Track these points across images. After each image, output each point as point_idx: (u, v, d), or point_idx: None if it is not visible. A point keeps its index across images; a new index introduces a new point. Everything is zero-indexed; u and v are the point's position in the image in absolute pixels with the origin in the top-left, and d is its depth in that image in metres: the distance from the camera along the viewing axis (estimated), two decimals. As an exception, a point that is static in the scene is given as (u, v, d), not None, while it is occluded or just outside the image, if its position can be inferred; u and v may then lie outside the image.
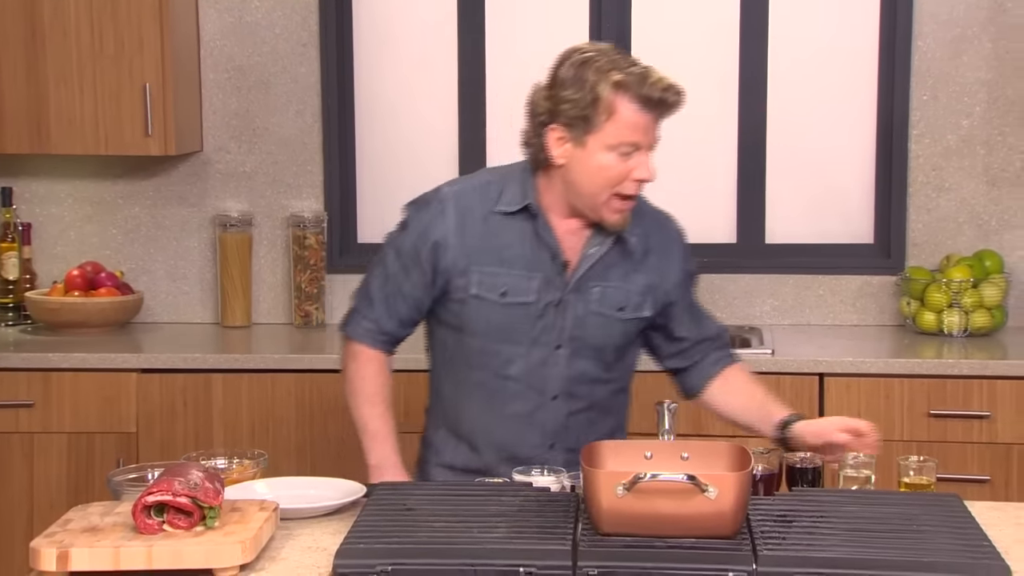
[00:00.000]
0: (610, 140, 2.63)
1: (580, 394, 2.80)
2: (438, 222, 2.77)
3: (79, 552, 2.15)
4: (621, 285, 2.78)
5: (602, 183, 2.66)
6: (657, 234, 2.84)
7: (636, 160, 2.65)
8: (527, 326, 2.75)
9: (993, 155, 4.33)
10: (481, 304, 2.75)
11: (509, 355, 2.77)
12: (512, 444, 2.78)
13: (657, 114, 2.65)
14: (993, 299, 4.21)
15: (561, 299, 2.75)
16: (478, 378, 2.80)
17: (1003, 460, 3.81)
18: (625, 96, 2.62)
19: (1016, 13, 4.28)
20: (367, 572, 2.12)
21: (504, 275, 2.75)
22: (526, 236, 2.75)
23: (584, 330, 2.76)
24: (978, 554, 2.15)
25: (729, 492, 2.16)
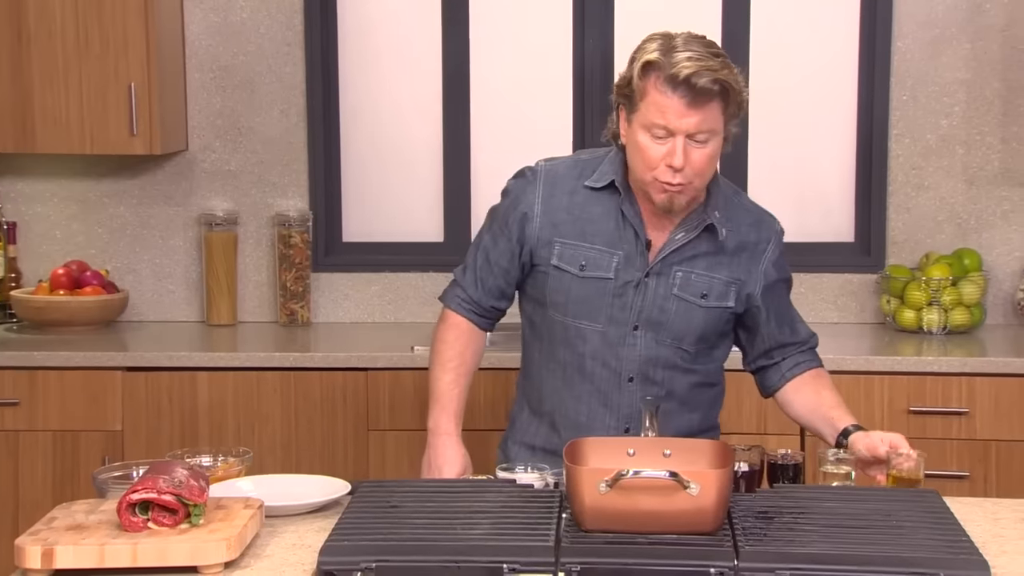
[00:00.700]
0: (644, 120, 2.63)
1: (657, 379, 2.79)
2: (528, 192, 2.81)
3: (64, 550, 2.15)
4: (706, 273, 2.77)
5: (641, 164, 2.67)
6: (752, 233, 2.83)
7: (670, 145, 2.62)
8: (604, 303, 2.76)
9: (972, 154, 4.36)
10: (561, 276, 2.78)
11: (586, 331, 2.78)
12: (588, 425, 2.78)
13: (690, 99, 2.59)
14: (972, 297, 4.23)
15: (641, 279, 2.75)
16: (558, 354, 2.82)
17: (981, 456, 3.83)
18: (652, 76, 2.62)
19: (994, 14, 4.30)
20: (351, 569, 2.12)
21: (586, 249, 2.76)
22: (611, 213, 2.77)
23: (663, 314, 2.76)
24: (956, 549, 2.16)
25: (711, 489, 2.17)
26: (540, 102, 4.53)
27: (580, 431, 2.76)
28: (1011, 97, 4.32)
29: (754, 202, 2.92)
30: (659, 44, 2.65)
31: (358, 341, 4.22)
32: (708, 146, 2.64)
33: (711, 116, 2.62)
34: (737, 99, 2.66)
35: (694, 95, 2.58)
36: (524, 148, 4.51)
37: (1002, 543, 2.33)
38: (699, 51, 2.62)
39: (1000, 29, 4.30)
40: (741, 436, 3.69)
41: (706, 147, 2.64)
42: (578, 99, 4.50)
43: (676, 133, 2.61)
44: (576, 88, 4.49)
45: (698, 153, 2.63)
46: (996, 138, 4.34)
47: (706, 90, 2.58)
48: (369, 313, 4.55)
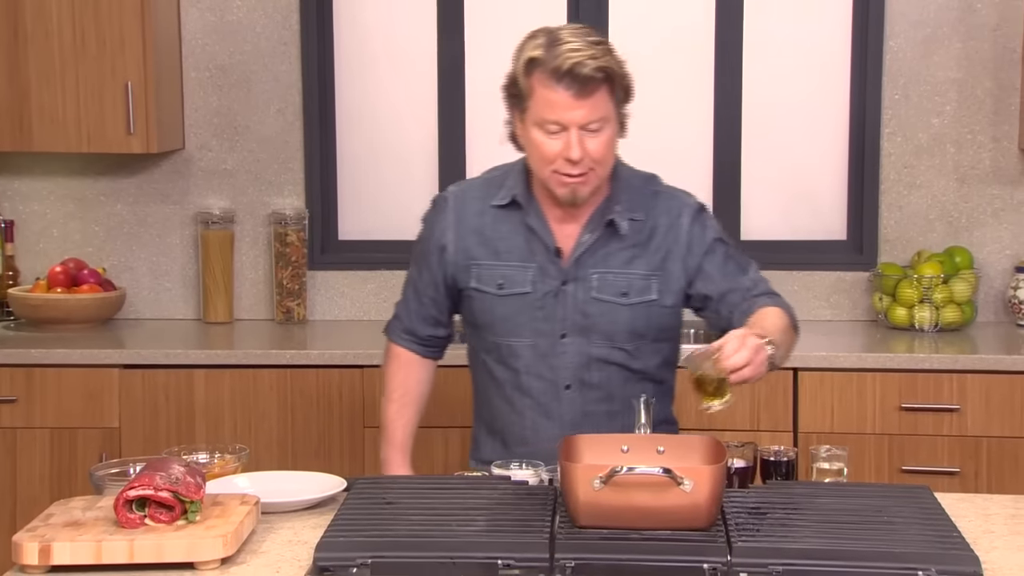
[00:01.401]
0: (536, 118, 2.64)
1: (595, 383, 2.79)
2: (440, 221, 2.84)
3: (61, 546, 2.15)
4: (622, 271, 2.76)
5: (539, 161, 2.67)
6: (664, 216, 2.79)
7: (565, 139, 2.62)
8: (528, 317, 2.77)
9: (963, 153, 4.37)
10: (483, 297, 2.79)
11: (516, 347, 2.79)
12: (533, 439, 2.79)
13: (577, 90, 2.58)
14: (963, 295, 4.24)
15: (559, 288, 2.76)
16: (496, 373, 2.83)
17: (972, 452, 3.85)
18: (538, 73, 2.61)
19: (985, 13, 4.31)
20: (347, 565, 2.13)
21: (502, 267, 2.78)
22: (519, 228, 2.78)
23: (588, 317, 2.76)
24: (947, 544, 2.17)
25: (704, 485, 2.18)
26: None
27: (527, 445, 2.79)
28: (1002, 96, 4.33)
29: (669, 185, 2.87)
30: (540, 40, 2.64)
31: (354, 338, 4.23)
32: (602, 133, 2.64)
33: (600, 104, 2.62)
34: (623, 83, 2.66)
35: (580, 85, 2.58)
36: (519, 147, 4.55)
37: (992, 538, 2.34)
38: (579, 41, 2.61)
39: (991, 29, 4.32)
40: (734, 433, 3.70)
41: (600, 135, 2.64)
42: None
43: (569, 126, 2.61)
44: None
45: (594, 142, 2.63)
46: (987, 137, 4.36)
47: (591, 79, 2.58)
48: (365, 311, 4.56)
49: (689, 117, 4.51)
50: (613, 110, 2.66)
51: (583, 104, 2.60)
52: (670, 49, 4.48)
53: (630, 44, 4.51)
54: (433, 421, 3.94)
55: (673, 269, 2.78)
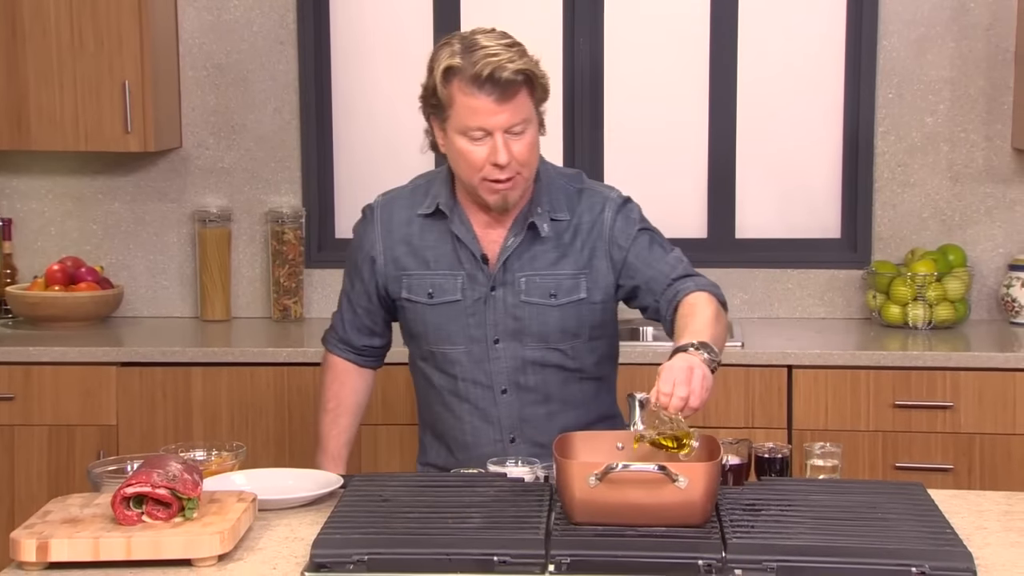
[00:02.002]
0: (459, 126, 2.63)
1: (531, 385, 2.79)
2: (368, 233, 2.84)
3: (59, 543, 2.16)
4: (550, 272, 2.75)
5: (466, 169, 2.66)
6: (588, 211, 2.78)
7: (491, 144, 2.61)
8: (460, 324, 2.77)
9: (956, 152, 4.38)
10: (414, 307, 2.80)
11: (451, 354, 2.79)
12: (474, 443, 2.81)
13: (498, 95, 2.58)
14: (956, 292, 4.26)
15: (488, 294, 2.76)
16: (435, 379, 2.84)
17: (965, 449, 3.86)
18: (457, 81, 2.60)
19: (978, 13, 4.32)
20: (344, 562, 2.13)
21: (431, 276, 2.78)
22: (446, 235, 2.78)
23: (519, 321, 2.76)
24: (941, 540, 2.17)
25: (699, 482, 2.19)
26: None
27: (469, 450, 2.80)
28: (995, 95, 4.34)
29: (594, 182, 2.85)
30: (455, 47, 2.63)
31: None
32: (526, 136, 2.64)
33: (522, 106, 2.62)
34: (542, 84, 2.66)
35: (501, 90, 2.57)
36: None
37: (985, 535, 2.35)
38: (494, 46, 2.60)
39: (984, 28, 4.33)
40: (729, 430, 3.72)
41: (524, 137, 2.64)
42: (567, 100, 4.51)
43: (493, 131, 2.60)
44: (566, 89, 4.50)
45: (518, 144, 2.63)
46: (980, 136, 4.37)
47: (511, 82, 2.57)
48: (361, 308, 4.57)
49: (684, 116, 4.51)
50: (534, 111, 2.66)
51: (505, 108, 2.59)
52: (665, 48, 4.49)
53: (625, 44, 4.57)
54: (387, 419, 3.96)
55: (600, 266, 2.77)
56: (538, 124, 2.69)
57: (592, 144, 4.52)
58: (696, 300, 2.65)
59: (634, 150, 4.55)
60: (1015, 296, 4.29)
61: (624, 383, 2.91)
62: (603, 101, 4.52)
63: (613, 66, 4.52)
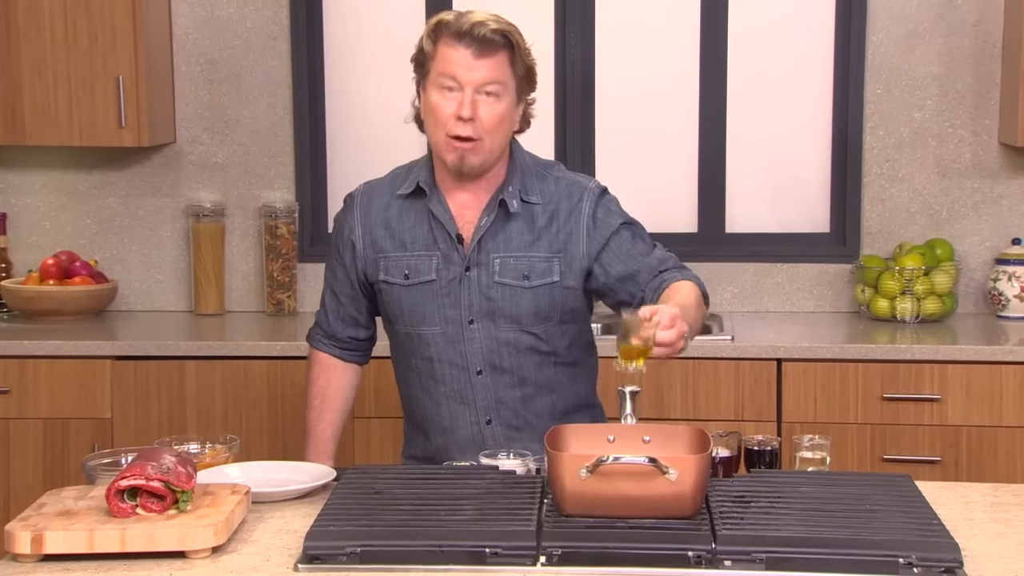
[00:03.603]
0: (435, 79, 2.69)
1: (506, 367, 2.80)
2: (349, 218, 2.87)
3: (53, 535, 2.16)
4: (524, 254, 2.77)
5: (434, 125, 2.71)
6: (565, 201, 2.80)
7: (461, 98, 2.66)
8: (435, 304, 2.79)
9: (944, 147, 4.40)
10: (391, 289, 2.82)
11: (427, 335, 2.81)
12: (451, 426, 2.82)
13: (476, 49, 2.65)
14: (944, 286, 4.27)
15: (462, 274, 2.77)
16: (412, 363, 2.85)
17: (953, 442, 3.88)
18: (439, 36, 2.68)
19: (966, 9, 4.34)
20: (337, 554, 2.14)
21: (407, 258, 2.80)
22: (423, 216, 2.80)
23: (492, 302, 2.77)
24: (928, 532, 2.18)
25: (689, 474, 2.19)
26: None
27: (446, 434, 2.82)
28: (982, 91, 4.36)
29: (570, 172, 2.88)
30: (441, 15, 2.73)
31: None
32: (499, 103, 2.68)
33: (499, 68, 2.67)
34: (525, 59, 2.72)
35: (479, 45, 2.65)
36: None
37: (972, 526, 2.36)
38: (488, 15, 2.70)
39: (972, 24, 4.34)
40: (719, 423, 3.75)
41: (496, 104, 2.67)
42: (559, 97, 4.52)
43: (465, 85, 2.66)
44: (557, 86, 4.51)
45: (487, 109, 2.67)
46: (968, 131, 4.38)
47: (490, 41, 2.65)
48: (354, 303, 4.58)
49: (675, 111, 4.53)
50: (512, 82, 2.70)
51: (480, 64, 2.66)
52: (655, 43, 4.50)
53: (616, 40, 4.58)
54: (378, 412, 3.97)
55: (575, 251, 2.79)
56: (515, 102, 2.73)
57: (583, 139, 4.54)
58: (682, 286, 2.69)
59: (625, 145, 4.57)
60: (1002, 290, 4.31)
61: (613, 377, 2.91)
62: (594, 96, 4.53)
63: (604, 62, 4.53)
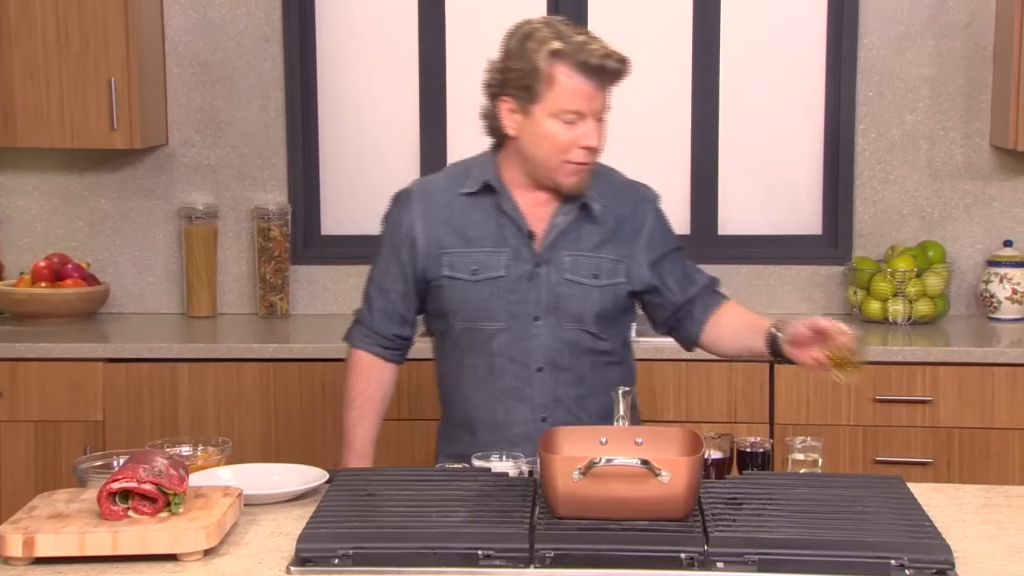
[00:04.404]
0: (552, 108, 2.68)
1: (565, 366, 2.82)
2: (407, 214, 2.85)
3: (45, 538, 2.16)
4: (593, 254, 2.81)
5: (549, 151, 2.71)
6: (628, 206, 2.86)
7: (583, 128, 2.69)
8: (502, 300, 2.79)
9: (936, 149, 4.41)
10: (455, 284, 2.81)
11: (490, 331, 2.80)
12: (505, 422, 2.81)
13: (598, 81, 2.68)
14: (936, 288, 4.28)
15: (532, 271, 2.79)
16: (468, 360, 2.84)
17: (944, 443, 3.89)
18: (563, 64, 2.66)
19: (957, 12, 4.35)
20: (329, 556, 2.14)
21: (474, 253, 2.80)
22: (490, 213, 2.81)
23: (560, 299, 2.79)
24: (920, 533, 2.19)
25: (681, 476, 2.19)
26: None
27: (498, 431, 2.81)
28: (973, 93, 4.37)
29: (628, 177, 2.94)
30: (549, 32, 2.71)
31: (336, 332, 4.14)
32: (605, 123, 2.75)
33: (609, 94, 2.74)
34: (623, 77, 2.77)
35: (602, 77, 2.68)
36: (499, 142, 4.56)
37: (964, 528, 2.37)
38: (587, 34, 2.73)
39: (963, 27, 4.35)
40: (711, 425, 3.75)
41: (604, 124, 2.75)
42: (552, 95, 4.54)
43: (587, 116, 2.69)
44: (550, 84, 4.54)
45: (602, 132, 2.74)
46: (959, 133, 4.39)
47: (615, 71, 2.70)
48: (347, 305, 4.54)
49: (667, 113, 4.53)
50: None
51: (600, 95, 2.71)
52: (648, 45, 4.49)
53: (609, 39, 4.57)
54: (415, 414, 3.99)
55: (639, 257, 2.85)
56: None
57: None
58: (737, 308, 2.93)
59: (617, 146, 4.54)
60: (993, 292, 4.32)
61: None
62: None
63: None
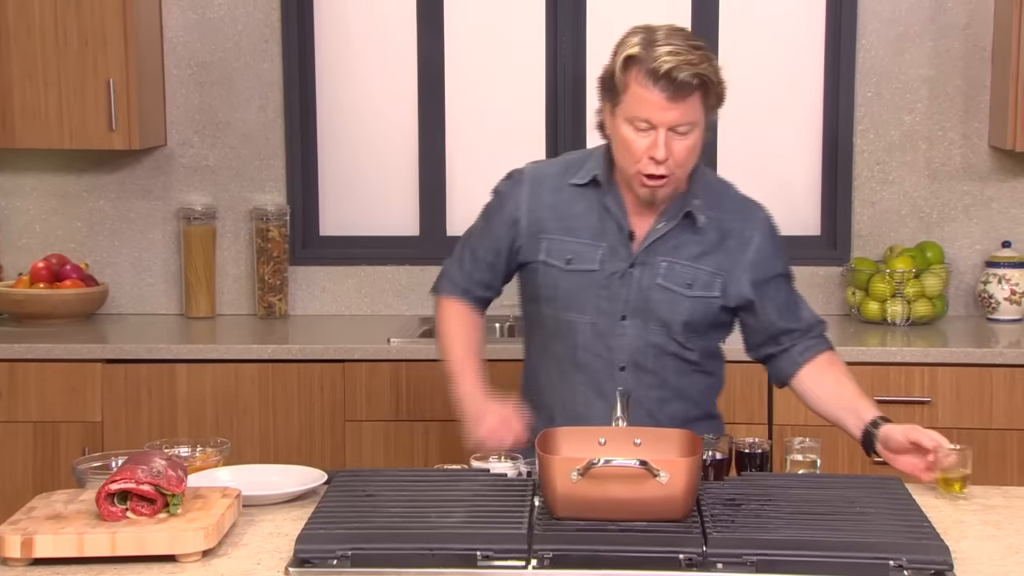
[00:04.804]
0: (626, 114, 2.67)
1: (648, 367, 2.81)
2: (515, 193, 2.86)
3: (43, 539, 2.16)
4: (690, 264, 2.78)
5: (626, 157, 2.70)
6: (737, 222, 2.83)
7: (653, 138, 2.65)
8: (592, 294, 2.79)
9: (934, 150, 4.41)
10: (548, 271, 2.81)
11: (577, 323, 2.80)
12: (584, 415, 2.79)
13: (670, 92, 2.62)
14: (934, 289, 4.29)
15: (626, 270, 2.78)
16: (552, 347, 2.84)
17: (943, 444, 3.91)
18: (635, 70, 2.65)
19: (956, 12, 4.35)
20: (327, 557, 2.15)
21: (572, 243, 2.80)
22: (594, 207, 2.81)
23: (649, 303, 2.78)
24: (918, 534, 2.20)
25: (680, 477, 2.20)
26: (514, 98, 4.56)
27: (577, 421, 2.77)
28: (972, 94, 4.37)
29: (742, 193, 2.91)
30: (641, 38, 2.68)
31: (335, 333, 4.26)
32: (689, 138, 2.67)
33: (691, 109, 2.65)
34: (717, 91, 2.70)
35: (674, 89, 2.61)
36: (498, 144, 4.58)
37: (963, 528, 2.38)
38: (679, 44, 2.65)
39: (962, 27, 4.36)
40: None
41: (687, 139, 2.67)
42: (551, 96, 4.54)
43: (658, 126, 2.65)
44: (549, 85, 4.53)
45: (679, 145, 2.66)
46: (958, 134, 4.40)
47: (686, 84, 2.61)
48: (346, 306, 4.59)
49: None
50: (702, 116, 2.69)
51: (675, 108, 2.63)
52: (647, 46, 4.51)
53: (607, 46, 4.56)
54: (413, 415, 4.00)
55: (739, 276, 2.82)
56: (704, 129, 2.72)
57: (575, 138, 4.54)
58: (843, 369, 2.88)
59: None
60: (992, 292, 4.32)
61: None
62: (585, 100, 4.53)
63: (595, 65, 4.52)
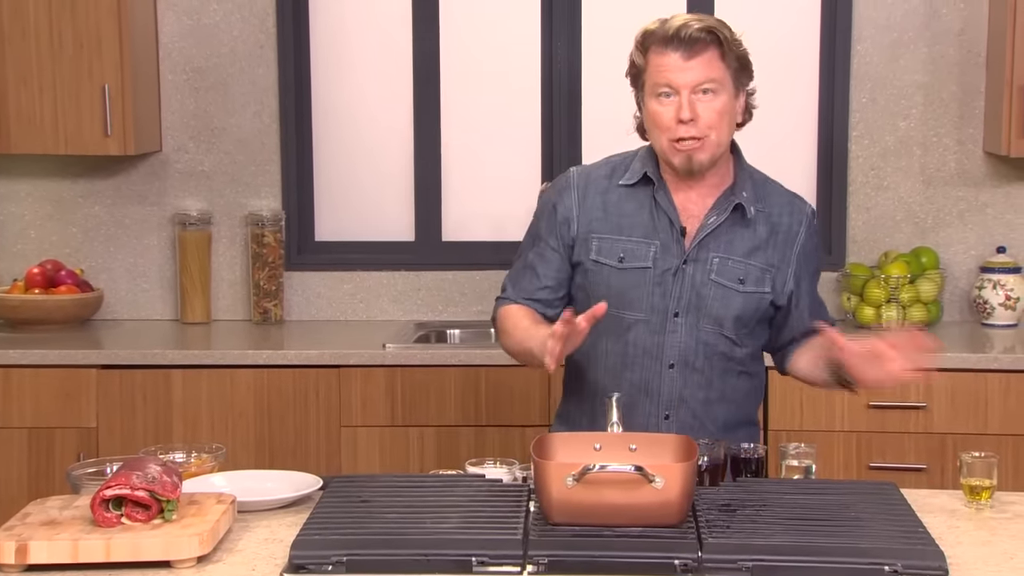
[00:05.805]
0: (650, 90, 2.71)
1: (697, 367, 2.80)
2: (564, 197, 2.87)
3: (38, 545, 2.16)
4: (742, 260, 2.79)
5: (656, 132, 2.73)
6: (785, 215, 2.85)
7: (677, 102, 2.68)
8: (645, 292, 2.79)
9: (929, 155, 4.42)
10: (601, 269, 2.81)
11: (629, 321, 2.80)
12: (630, 413, 2.76)
13: (684, 51, 2.67)
14: (929, 294, 4.30)
15: (679, 267, 2.78)
16: (602, 345, 2.83)
17: (938, 449, 3.89)
18: (647, 46, 2.72)
19: (950, 19, 4.36)
20: (322, 563, 2.14)
21: (623, 242, 2.81)
22: (645, 204, 2.81)
23: (702, 299, 2.78)
24: (913, 539, 2.20)
25: (675, 482, 2.20)
26: (509, 105, 4.57)
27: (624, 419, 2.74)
28: (966, 100, 4.38)
29: (785, 187, 2.94)
30: (650, 24, 2.76)
31: (330, 339, 4.26)
32: (716, 99, 2.69)
33: (709, 65, 2.69)
34: (735, 51, 2.73)
35: (687, 46, 2.67)
36: (494, 148, 4.59)
37: (958, 534, 2.38)
38: (689, 15, 2.74)
39: (956, 33, 4.37)
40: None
41: (714, 100, 2.69)
42: (546, 100, 4.54)
43: (680, 88, 2.68)
44: (544, 89, 4.54)
45: (706, 107, 2.69)
46: (952, 140, 4.41)
47: (697, 39, 2.67)
48: (341, 311, 4.58)
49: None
50: (727, 76, 2.72)
51: (691, 65, 2.67)
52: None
53: (602, 46, 4.58)
54: (409, 420, 4.00)
55: (786, 268, 2.84)
56: (733, 96, 2.74)
57: (571, 144, 4.55)
58: None
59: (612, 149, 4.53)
60: (987, 298, 4.33)
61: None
62: (581, 102, 4.54)
63: (590, 67, 4.54)
